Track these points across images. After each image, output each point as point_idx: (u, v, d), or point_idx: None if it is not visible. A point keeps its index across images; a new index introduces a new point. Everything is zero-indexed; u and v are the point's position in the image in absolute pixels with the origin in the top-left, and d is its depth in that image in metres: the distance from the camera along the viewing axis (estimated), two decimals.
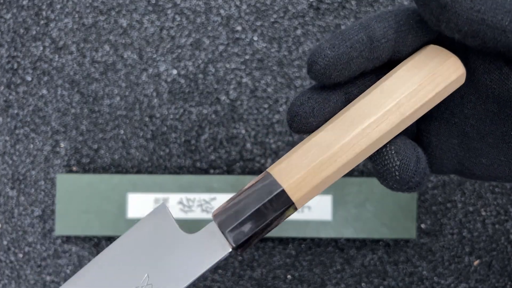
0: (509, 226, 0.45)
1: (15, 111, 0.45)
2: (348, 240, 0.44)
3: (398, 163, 0.21)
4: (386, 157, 0.22)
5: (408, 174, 0.21)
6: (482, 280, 0.44)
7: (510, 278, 0.44)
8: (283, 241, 0.44)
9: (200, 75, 0.45)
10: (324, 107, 0.22)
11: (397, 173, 0.21)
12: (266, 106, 0.45)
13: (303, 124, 0.22)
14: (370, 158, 0.22)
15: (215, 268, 0.44)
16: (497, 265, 0.44)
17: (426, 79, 0.21)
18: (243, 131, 0.45)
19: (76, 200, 0.43)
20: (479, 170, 0.24)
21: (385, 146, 0.22)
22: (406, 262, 0.44)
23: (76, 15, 0.46)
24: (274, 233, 0.43)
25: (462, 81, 0.21)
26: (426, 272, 0.44)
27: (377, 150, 0.22)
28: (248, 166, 0.45)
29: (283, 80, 0.45)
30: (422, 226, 0.44)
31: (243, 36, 0.46)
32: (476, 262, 0.44)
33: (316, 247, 0.44)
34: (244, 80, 0.45)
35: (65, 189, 0.43)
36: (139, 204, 0.43)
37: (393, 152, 0.22)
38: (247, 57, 0.45)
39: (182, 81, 0.45)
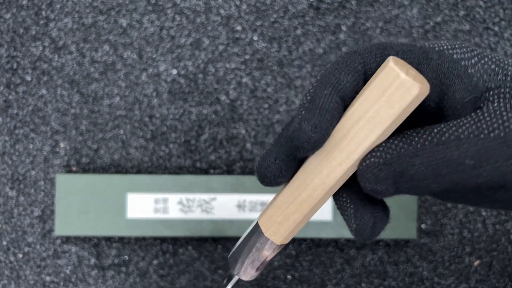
0: (510, 226, 0.45)
1: (15, 111, 0.45)
2: (348, 240, 0.44)
3: (354, 226, 0.23)
4: (346, 214, 0.23)
5: (363, 237, 0.23)
6: (482, 281, 0.44)
7: (511, 278, 0.44)
8: None
9: (200, 75, 0.45)
10: (291, 165, 0.23)
11: (353, 232, 0.23)
12: (266, 106, 0.45)
13: (273, 183, 0.23)
14: (335, 202, 0.24)
15: (215, 269, 0.44)
16: (498, 265, 0.44)
17: (379, 112, 0.21)
18: (243, 131, 0.45)
19: (75, 200, 0.43)
20: (451, 200, 0.25)
21: (346, 201, 0.23)
22: (407, 262, 0.44)
23: (76, 15, 0.46)
24: None
25: (422, 96, 0.21)
26: (426, 272, 0.44)
27: (339, 201, 0.23)
28: (248, 166, 0.45)
29: (283, 80, 0.45)
30: (423, 226, 0.44)
31: (243, 36, 0.46)
32: (476, 263, 0.44)
33: (316, 247, 0.44)
34: (244, 80, 0.45)
35: (64, 189, 0.43)
36: (139, 204, 0.43)
37: (351, 213, 0.23)
38: (247, 57, 0.45)
39: (182, 81, 0.45)
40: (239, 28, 0.46)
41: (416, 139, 0.21)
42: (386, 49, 0.23)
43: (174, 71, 0.45)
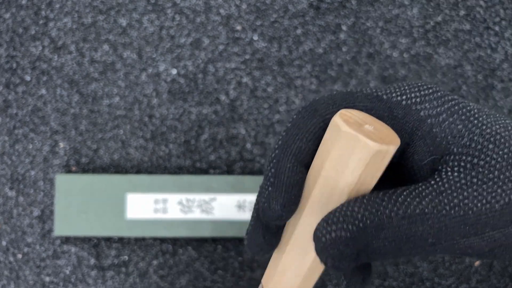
0: None
1: (14, 111, 0.45)
2: None
3: (344, 284, 0.24)
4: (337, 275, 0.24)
5: None
6: (482, 281, 0.44)
7: (511, 279, 0.44)
8: None
9: (200, 75, 0.45)
10: (274, 241, 0.24)
11: None
12: (266, 106, 0.45)
13: (260, 254, 0.24)
14: None
15: (215, 269, 0.44)
16: (498, 265, 0.44)
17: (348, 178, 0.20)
18: (243, 131, 0.45)
19: (75, 200, 0.43)
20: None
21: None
22: (407, 262, 0.44)
23: (76, 15, 0.46)
24: None
25: (388, 151, 0.20)
26: (426, 272, 0.44)
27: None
28: (248, 166, 0.45)
29: (283, 80, 0.45)
30: None
31: (243, 36, 0.46)
32: (477, 263, 0.44)
33: None
34: (244, 80, 0.45)
35: (64, 189, 0.43)
36: (139, 204, 0.43)
37: (341, 274, 0.24)
38: (247, 56, 0.45)
39: (182, 81, 0.45)
40: (239, 27, 0.46)
41: (382, 209, 0.20)
42: (338, 106, 0.22)
43: (174, 71, 0.45)
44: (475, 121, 0.22)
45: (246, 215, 0.43)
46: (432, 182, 0.21)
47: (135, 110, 0.45)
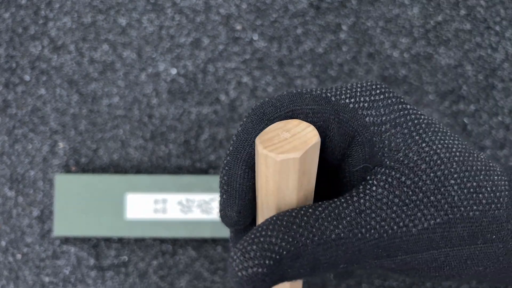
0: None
1: (14, 111, 0.45)
2: None
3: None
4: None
5: None
6: (483, 281, 0.44)
7: None
8: None
9: (200, 75, 0.45)
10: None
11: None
12: None
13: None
14: None
15: (215, 269, 0.44)
16: None
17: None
18: None
19: (75, 200, 0.43)
20: None
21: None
22: None
23: (75, 14, 0.45)
24: None
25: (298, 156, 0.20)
26: None
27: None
28: None
29: (283, 80, 0.45)
30: None
31: (243, 36, 0.45)
32: None
33: None
34: (244, 79, 0.45)
35: (63, 189, 0.43)
36: (138, 204, 0.43)
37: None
38: (247, 56, 0.45)
39: (182, 80, 0.45)
40: (239, 27, 0.46)
41: (298, 236, 0.19)
42: (295, 112, 0.22)
43: (174, 71, 0.45)
44: (417, 137, 0.21)
45: None
46: (355, 198, 0.20)
47: (134, 110, 0.45)
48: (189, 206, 0.43)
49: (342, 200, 0.20)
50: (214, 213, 0.43)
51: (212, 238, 0.44)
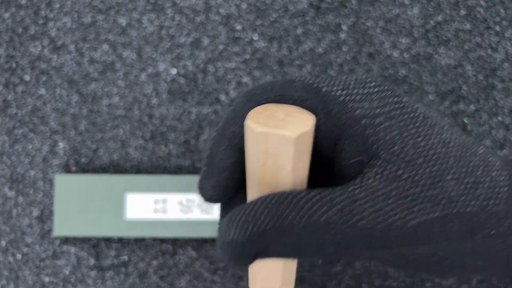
0: None
1: (14, 111, 0.45)
2: None
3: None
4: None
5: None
6: (483, 281, 0.44)
7: (511, 279, 0.44)
8: None
9: (200, 75, 0.45)
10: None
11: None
12: None
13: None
14: None
15: (215, 269, 0.44)
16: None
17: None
18: None
19: (75, 200, 0.43)
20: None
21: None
22: None
23: (75, 14, 0.45)
24: None
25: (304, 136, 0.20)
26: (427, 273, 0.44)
27: None
28: None
29: None
30: None
31: (243, 36, 0.45)
32: None
33: None
34: (244, 79, 0.45)
35: (63, 189, 0.43)
36: (138, 204, 0.43)
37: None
38: (247, 56, 0.45)
39: (182, 80, 0.45)
40: (239, 27, 0.46)
41: (284, 216, 0.19)
42: (283, 97, 0.22)
43: (174, 71, 0.45)
44: (413, 131, 0.21)
45: None
46: (350, 188, 0.20)
47: (134, 110, 0.45)
48: (189, 206, 0.43)
49: (337, 189, 0.20)
50: (214, 213, 0.43)
51: (212, 238, 0.44)
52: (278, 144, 0.20)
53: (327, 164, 0.23)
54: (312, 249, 0.20)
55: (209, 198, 0.23)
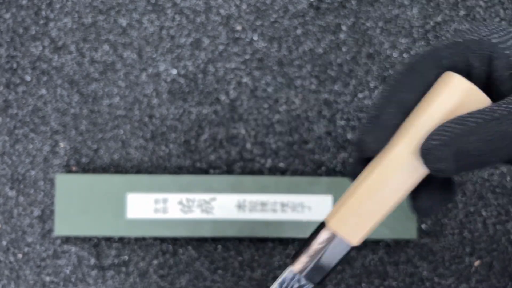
0: (510, 226, 0.45)
1: (14, 111, 0.45)
2: None
3: (412, 205, 0.26)
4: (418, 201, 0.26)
5: (421, 215, 0.26)
6: (482, 281, 0.44)
7: (511, 278, 0.44)
8: (283, 242, 0.44)
9: (200, 75, 0.45)
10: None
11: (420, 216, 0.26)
12: (266, 106, 0.45)
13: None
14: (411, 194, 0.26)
15: (215, 269, 0.44)
16: (498, 265, 0.44)
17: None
18: (243, 131, 0.45)
19: (75, 200, 0.43)
20: None
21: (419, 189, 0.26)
22: (407, 262, 0.44)
23: (76, 15, 0.46)
24: (274, 233, 0.43)
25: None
26: (426, 272, 0.44)
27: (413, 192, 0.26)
28: (248, 166, 0.45)
29: (283, 80, 0.45)
30: (423, 226, 0.44)
31: (243, 36, 0.46)
32: (476, 263, 0.44)
33: None
34: (244, 80, 0.45)
35: (64, 189, 0.43)
36: (139, 204, 0.43)
37: (411, 195, 0.26)
38: (247, 56, 0.45)
39: (182, 81, 0.45)
40: (239, 28, 0.46)
41: (469, 119, 0.22)
42: (441, 60, 0.26)
43: (174, 71, 0.45)
44: None
45: (246, 215, 0.43)
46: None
47: (135, 110, 0.45)
48: (189, 206, 0.43)
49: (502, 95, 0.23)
50: (214, 213, 0.43)
51: (212, 237, 0.44)
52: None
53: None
54: (505, 139, 0.22)
55: (366, 150, 0.24)
